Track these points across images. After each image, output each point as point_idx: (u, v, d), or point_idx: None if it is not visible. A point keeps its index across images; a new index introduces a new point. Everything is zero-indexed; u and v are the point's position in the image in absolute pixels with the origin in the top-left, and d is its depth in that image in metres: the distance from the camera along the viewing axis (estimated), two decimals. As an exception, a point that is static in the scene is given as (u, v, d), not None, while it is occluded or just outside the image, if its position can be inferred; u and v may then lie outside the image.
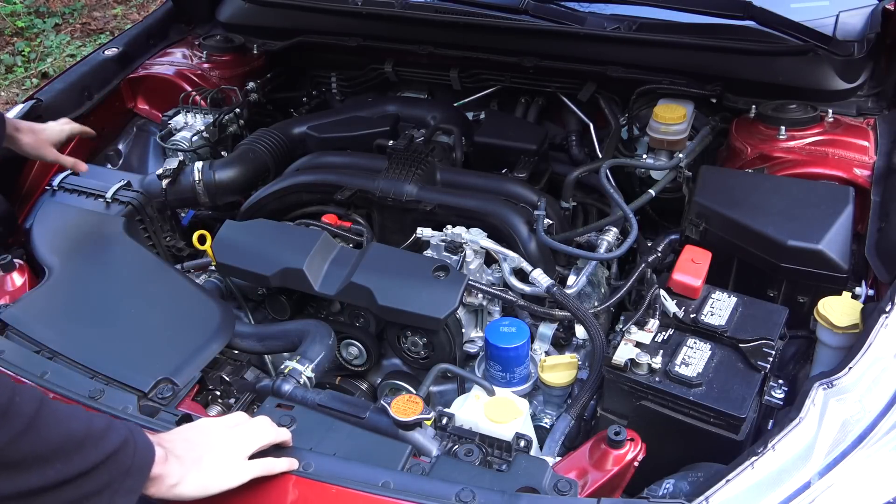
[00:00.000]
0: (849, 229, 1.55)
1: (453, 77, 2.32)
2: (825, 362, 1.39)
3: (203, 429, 1.10)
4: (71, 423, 0.90)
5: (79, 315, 1.55)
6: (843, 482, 1.08)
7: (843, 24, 1.96)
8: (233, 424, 1.12)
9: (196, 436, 1.08)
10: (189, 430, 1.10)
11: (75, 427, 0.90)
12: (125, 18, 5.91)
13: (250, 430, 1.12)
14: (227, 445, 1.08)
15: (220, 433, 1.10)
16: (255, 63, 2.44)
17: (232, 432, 1.10)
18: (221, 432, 1.10)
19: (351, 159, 1.96)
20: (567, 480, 1.14)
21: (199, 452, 1.05)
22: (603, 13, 2.14)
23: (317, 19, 2.38)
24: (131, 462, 0.93)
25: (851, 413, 1.15)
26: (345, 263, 1.64)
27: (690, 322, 1.42)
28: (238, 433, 1.10)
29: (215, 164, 1.96)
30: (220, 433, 1.10)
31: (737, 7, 1.83)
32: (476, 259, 1.69)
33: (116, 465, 0.91)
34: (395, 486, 1.11)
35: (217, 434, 1.09)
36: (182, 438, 1.06)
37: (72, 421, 0.90)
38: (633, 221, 1.67)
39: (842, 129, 1.84)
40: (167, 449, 1.01)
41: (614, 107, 2.18)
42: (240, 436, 1.10)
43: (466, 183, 1.86)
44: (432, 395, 1.63)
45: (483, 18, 2.18)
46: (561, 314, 1.60)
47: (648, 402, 1.34)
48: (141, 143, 2.32)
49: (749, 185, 1.69)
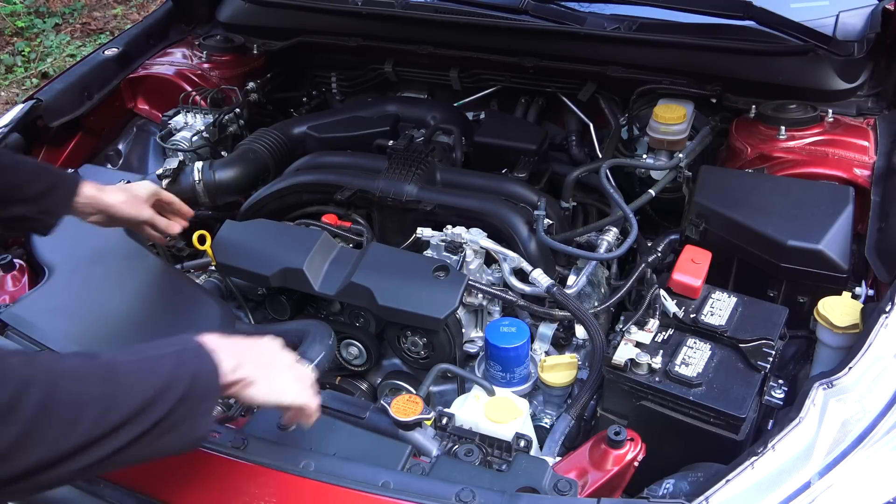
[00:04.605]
0: (849, 229, 1.55)
1: (453, 77, 2.32)
2: (825, 362, 1.39)
3: (271, 346, 1.14)
4: (141, 385, 0.91)
5: (79, 315, 1.55)
6: (843, 482, 1.08)
7: (843, 24, 1.96)
8: None
9: (266, 349, 1.12)
10: (258, 344, 1.13)
11: (146, 388, 0.91)
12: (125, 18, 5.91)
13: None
14: (294, 366, 1.13)
15: (287, 357, 1.14)
16: (255, 63, 2.44)
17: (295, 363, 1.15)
18: (288, 356, 1.14)
19: (351, 159, 1.96)
20: (567, 480, 1.14)
21: (268, 360, 1.10)
22: (603, 13, 2.14)
23: (317, 19, 2.38)
24: (203, 391, 0.97)
25: (851, 413, 1.15)
26: (345, 263, 1.64)
27: (690, 322, 1.42)
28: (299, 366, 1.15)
29: (215, 164, 1.96)
30: (287, 357, 1.14)
31: (737, 7, 1.83)
32: (476, 259, 1.69)
33: (190, 400, 0.94)
34: (394, 486, 1.11)
35: (285, 356, 1.14)
36: (254, 347, 1.10)
37: (141, 384, 0.91)
38: (633, 221, 1.67)
39: (842, 129, 1.84)
40: (239, 357, 1.04)
41: (614, 107, 2.18)
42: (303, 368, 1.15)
43: (466, 183, 1.86)
44: (432, 395, 1.63)
45: (483, 18, 2.18)
46: (561, 314, 1.60)
47: (648, 402, 1.34)
48: (141, 143, 2.32)
49: (749, 185, 1.69)
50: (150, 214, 1.60)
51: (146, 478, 1.20)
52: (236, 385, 1.03)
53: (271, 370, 1.08)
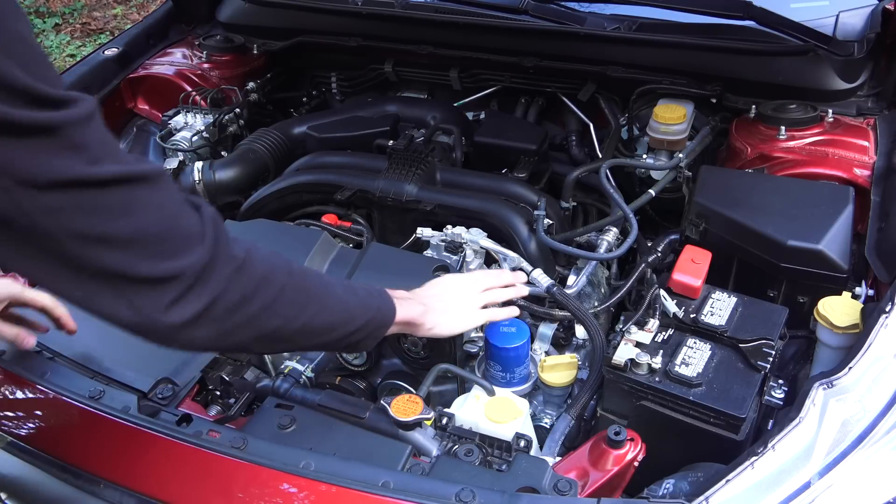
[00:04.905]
0: (849, 229, 1.55)
1: (453, 77, 2.32)
2: (825, 362, 1.39)
3: (450, 285, 1.44)
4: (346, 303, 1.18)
5: (79, 315, 1.55)
6: (843, 482, 1.08)
7: (843, 24, 1.96)
8: (473, 280, 1.47)
9: (444, 291, 1.42)
10: (439, 286, 1.43)
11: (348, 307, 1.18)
12: (125, 18, 5.91)
13: (484, 282, 1.47)
14: (466, 298, 1.42)
15: (461, 288, 1.44)
16: (255, 63, 2.44)
17: (470, 287, 1.44)
18: (462, 287, 1.44)
19: (351, 159, 1.96)
20: (567, 480, 1.14)
21: (445, 303, 1.39)
22: (603, 13, 2.14)
23: (317, 19, 2.38)
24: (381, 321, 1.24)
25: (851, 413, 1.15)
26: (345, 263, 1.64)
27: (690, 322, 1.42)
28: (474, 287, 1.45)
29: (215, 164, 1.96)
30: (461, 288, 1.44)
31: (737, 7, 1.83)
32: (476, 259, 1.69)
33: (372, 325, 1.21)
34: (394, 486, 1.11)
35: (459, 289, 1.43)
36: (434, 294, 1.39)
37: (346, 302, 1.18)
38: (633, 221, 1.67)
39: (842, 129, 1.83)
40: (425, 305, 1.34)
41: (614, 107, 2.18)
42: (476, 289, 1.44)
43: (466, 183, 1.86)
44: (432, 395, 1.63)
45: (483, 18, 2.18)
46: (561, 314, 1.60)
47: (648, 402, 1.34)
48: (141, 143, 2.32)
49: (749, 185, 1.69)
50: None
51: (146, 478, 1.20)
52: (422, 328, 1.33)
53: (447, 313, 1.38)
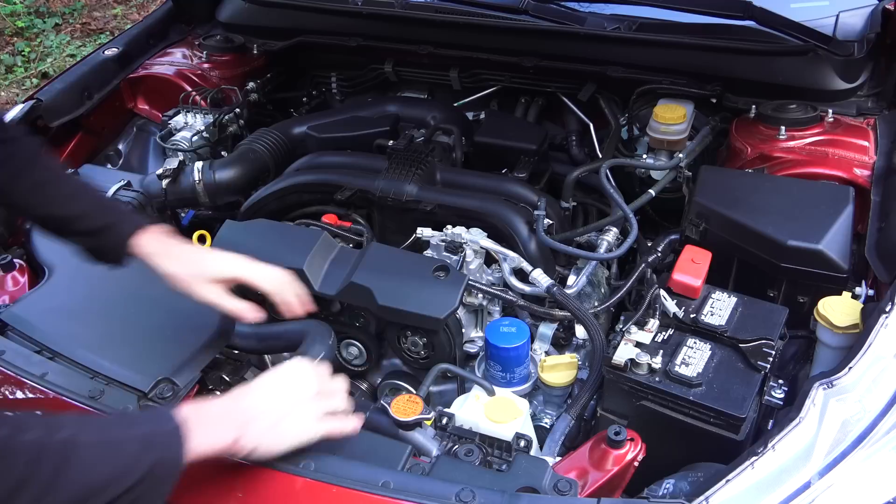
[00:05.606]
0: (849, 229, 1.55)
1: (453, 77, 2.32)
2: (825, 362, 1.39)
3: (282, 391, 1.15)
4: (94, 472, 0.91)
5: (79, 315, 1.55)
6: (843, 482, 1.08)
7: (843, 24, 1.96)
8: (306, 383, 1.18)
9: (273, 399, 1.14)
10: (270, 392, 1.14)
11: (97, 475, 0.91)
12: (125, 18, 5.90)
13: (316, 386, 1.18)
14: (300, 407, 1.15)
15: (295, 394, 1.16)
16: (255, 63, 2.44)
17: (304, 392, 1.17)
18: (296, 393, 1.16)
19: (351, 159, 1.96)
20: (567, 480, 1.14)
21: (275, 416, 1.12)
22: (603, 13, 2.14)
23: (317, 19, 2.38)
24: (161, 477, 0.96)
25: (851, 413, 1.15)
26: (345, 263, 1.64)
27: (690, 322, 1.42)
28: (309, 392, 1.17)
29: (215, 164, 1.96)
30: (295, 394, 1.16)
31: (737, 7, 1.83)
32: (476, 259, 1.69)
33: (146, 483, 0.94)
34: (395, 485, 1.11)
35: (293, 395, 1.15)
36: (260, 405, 1.12)
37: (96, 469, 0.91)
38: (633, 221, 1.67)
39: (842, 129, 1.84)
40: (245, 422, 1.08)
41: (614, 107, 2.18)
42: (310, 394, 1.17)
43: (466, 183, 1.86)
44: (432, 395, 1.63)
45: (483, 18, 2.18)
46: (561, 314, 1.60)
47: (648, 402, 1.34)
48: (141, 143, 2.32)
49: (749, 185, 1.69)
50: (216, 298, 1.34)
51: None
52: (241, 451, 1.07)
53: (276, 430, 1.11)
